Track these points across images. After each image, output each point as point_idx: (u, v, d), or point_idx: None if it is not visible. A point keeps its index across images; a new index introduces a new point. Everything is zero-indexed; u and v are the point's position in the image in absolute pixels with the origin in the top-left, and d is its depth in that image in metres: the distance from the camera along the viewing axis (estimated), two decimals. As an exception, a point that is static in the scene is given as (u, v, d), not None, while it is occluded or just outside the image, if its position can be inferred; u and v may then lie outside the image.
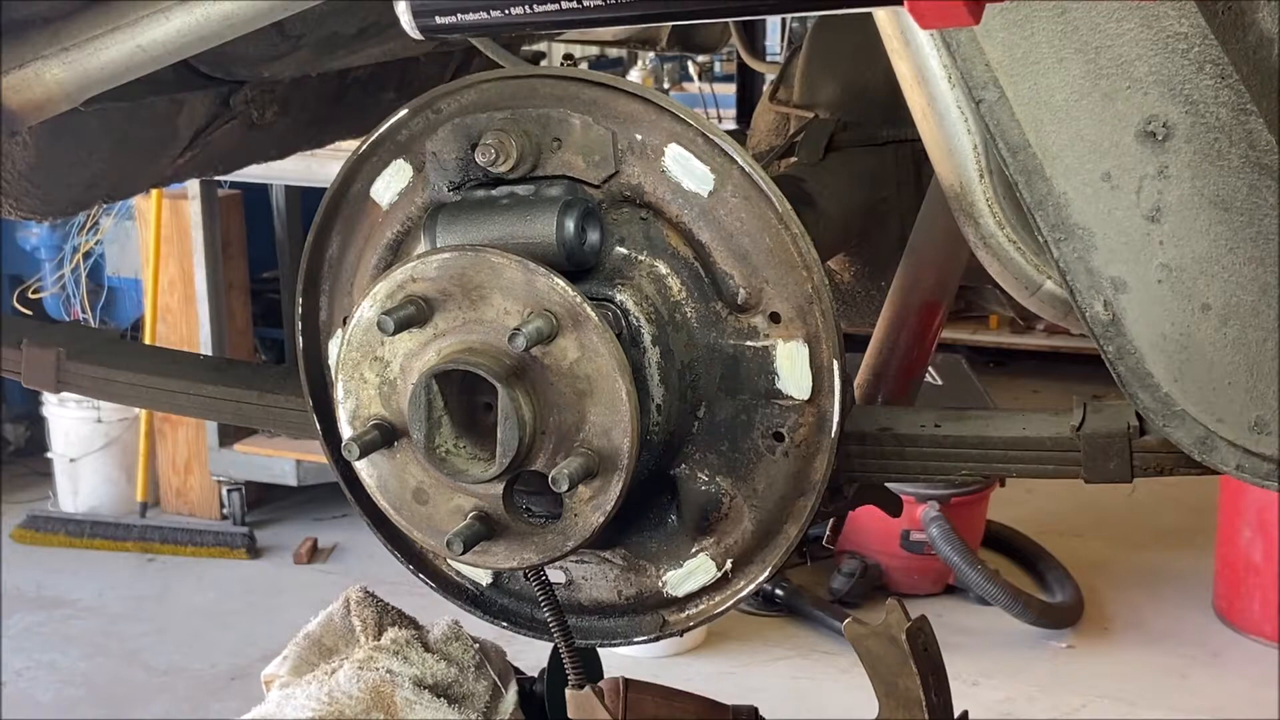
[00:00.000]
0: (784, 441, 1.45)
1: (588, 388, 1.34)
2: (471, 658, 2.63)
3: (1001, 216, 1.48)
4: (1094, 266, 1.29)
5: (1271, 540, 4.60)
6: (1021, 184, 1.30)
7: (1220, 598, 4.86)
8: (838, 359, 1.42)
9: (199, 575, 5.33)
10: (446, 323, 1.37)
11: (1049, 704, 4.33)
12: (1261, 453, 1.28)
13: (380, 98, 2.60)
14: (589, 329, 1.32)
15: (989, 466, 1.53)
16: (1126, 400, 1.35)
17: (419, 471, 1.42)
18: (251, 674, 2.49)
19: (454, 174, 1.47)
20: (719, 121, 5.96)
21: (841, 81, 2.35)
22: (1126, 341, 1.30)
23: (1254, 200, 1.23)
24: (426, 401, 1.37)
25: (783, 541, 1.48)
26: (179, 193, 5.49)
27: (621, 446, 1.34)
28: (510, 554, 1.42)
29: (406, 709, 2.47)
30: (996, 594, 4.62)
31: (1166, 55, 1.22)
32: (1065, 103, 1.27)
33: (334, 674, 2.54)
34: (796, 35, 3.77)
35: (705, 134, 1.41)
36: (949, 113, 1.44)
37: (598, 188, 1.44)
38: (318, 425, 1.65)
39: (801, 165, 2.20)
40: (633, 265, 1.44)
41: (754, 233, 1.41)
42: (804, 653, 4.66)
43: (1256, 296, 1.25)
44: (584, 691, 1.58)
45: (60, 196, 2.03)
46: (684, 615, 1.55)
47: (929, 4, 0.67)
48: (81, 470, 5.80)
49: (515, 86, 1.47)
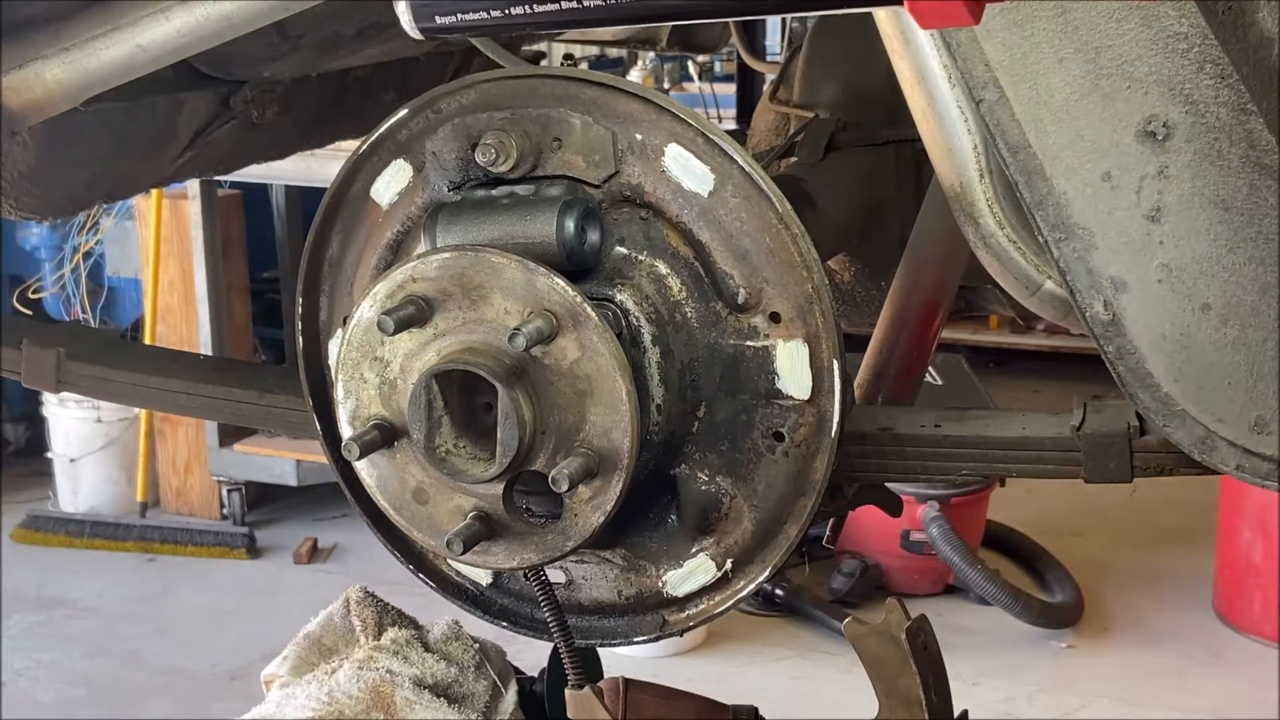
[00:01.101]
0: (784, 441, 1.45)
1: (588, 388, 1.34)
2: (471, 658, 2.63)
3: (1001, 216, 1.48)
4: (1094, 266, 1.29)
5: (1271, 540, 4.60)
6: (1021, 184, 1.30)
7: (1220, 598, 4.86)
8: (838, 359, 1.42)
9: (199, 575, 5.33)
10: (446, 323, 1.37)
11: (1049, 704, 4.33)
12: (1261, 453, 1.28)
13: (380, 98, 2.60)
14: (589, 329, 1.32)
15: (989, 466, 1.53)
16: (1126, 400, 1.35)
17: (419, 471, 1.42)
18: (251, 674, 2.49)
19: (454, 174, 1.48)
20: (719, 121, 5.96)
21: (841, 81, 2.35)
22: (1126, 341, 1.30)
23: (1254, 200, 1.23)
24: (426, 401, 1.37)
25: (783, 541, 1.48)
26: (179, 193, 5.49)
27: (621, 446, 1.34)
28: (510, 554, 1.42)
29: (406, 709, 2.47)
30: (996, 594, 4.62)
31: (1167, 55, 1.22)
32: (1065, 103, 1.27)
33: (334, 674, 2.54)
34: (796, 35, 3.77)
35: (705, 134, 1.41)
36: (949, 113, 1.44)
37: (598, 188, 1.44)
38: (318, 425, 1.65)
39: (801, 165, 2.21)
40: (633, 265, 1.44)
41: (754, 233, 1.41)
42: (804, 653, 4.66)
43: (1256, 296, 1.25)
44: (584, 691, 1.58)
45: (60, 196, 2.03)
46: (684, 615, 1.55)
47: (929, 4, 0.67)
48: (81, 470, 5.80)
49: (515, 86, 1.47)
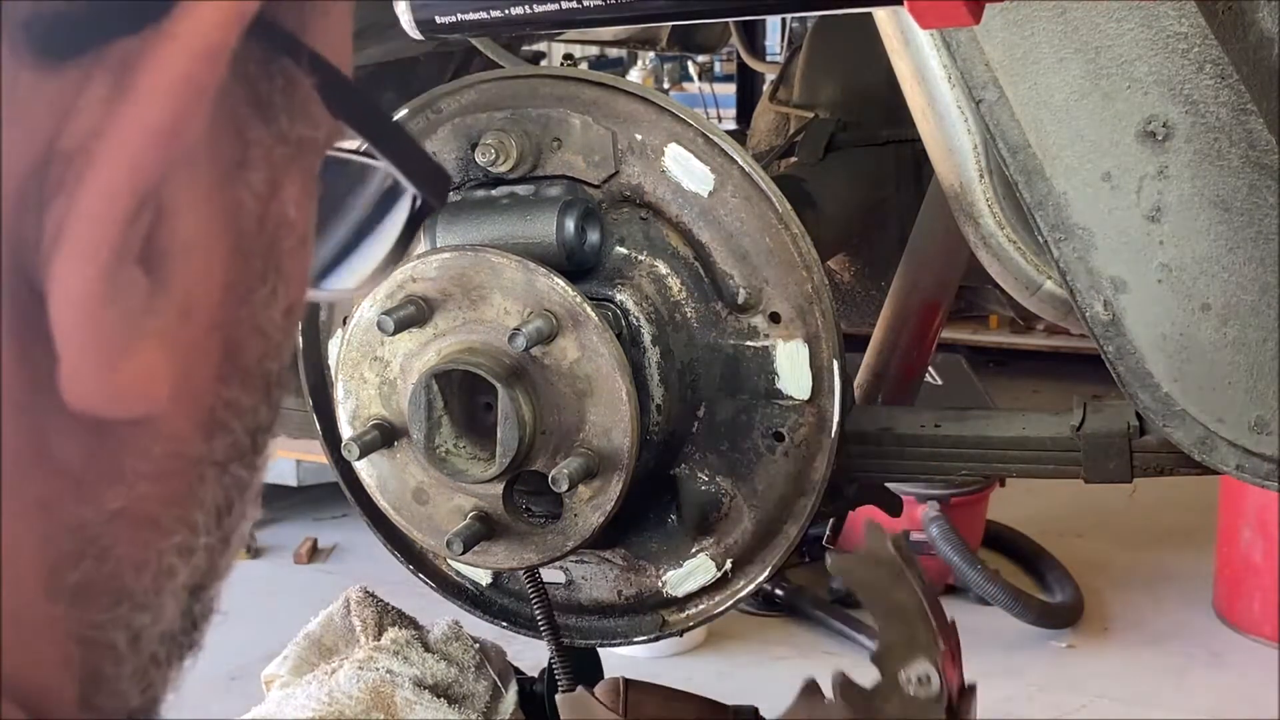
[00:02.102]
0: (784, 441, 1.45)
1: (588, 388, 1.34)
2: (471, 658, 2.62)
3: (1001, 216, 1.48)
4: (1094, 266, 1.29)
5: (1271, 540, 4.60)
6: (1021, 184, 1.30)
7: (1220, 598, 4.86)
8: (838, 359, 1.42)
9: (199, 575, 5.32)
10: (446, 323, 1.37)
11: (1049, 704, 4.33)
12: (1261, 453, 1.28)
13: (380, 98, 2.60)
14: (589, 329, 1.32)
15: (989, 466, 1.53)
16: (1126, 400, 1.35)
17: (419, 471, 1.42)
18: (251, 674, 2.49)
19: (454, 174, 1.47)
20: (719, 121, 5.96)
21: (841, 81, 2.35)
22: (1126, 341, 1.30)
23: (1254, 200, 1.23)
24: (426, 401, 1.36)
25: (783, 541, 1.48)
26: (179, 193, 5.49)
27: (621, 446, 1.34)
28: (510, 554, 1.42)
29: (406, 709, 2.47)
30: (996, 594, 4.62)
31: (1166, 55, 1.22)
32: (1065, 103, 1.27)
33: (334, 674, 2.54)
34: (796, 35, 3.76)
35: (705, 134, 1.41)
36: (949, 113, 1.44)
37: (598, 188, 1.44)
38: (318, 425, 1.65)
39: (801, 165, 2.21)
40: (633, 265, 1.44)
41: (754, 233, 1.41)
42: (804, 653, 4.66)
43: (1256, 296, 1.25)
44: (577, 693, 1.57)
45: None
46: (684, 615, 1.55)
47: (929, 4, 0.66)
48: (81, 470, 5.79)
49: (515, 86, 1.47)
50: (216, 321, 0.44)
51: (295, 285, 0.48)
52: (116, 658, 0.45)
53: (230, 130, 0.43)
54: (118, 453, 0.43)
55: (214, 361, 0.45)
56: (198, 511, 0.46)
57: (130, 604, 0.44)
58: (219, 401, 0.46)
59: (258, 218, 0.45)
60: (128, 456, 0.43)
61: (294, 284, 0.48)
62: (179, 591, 0.46)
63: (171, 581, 0.45)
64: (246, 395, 0.47)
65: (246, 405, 0.47)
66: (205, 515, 0.46)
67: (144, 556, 0.44)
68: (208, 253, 0.43)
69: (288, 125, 0.45)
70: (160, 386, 0.42)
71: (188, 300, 0.42)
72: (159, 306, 0.42)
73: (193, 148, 0.41)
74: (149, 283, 0.41)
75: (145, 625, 0.45)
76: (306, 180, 0.48)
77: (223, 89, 0.41)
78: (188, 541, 0.46)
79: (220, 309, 0.44)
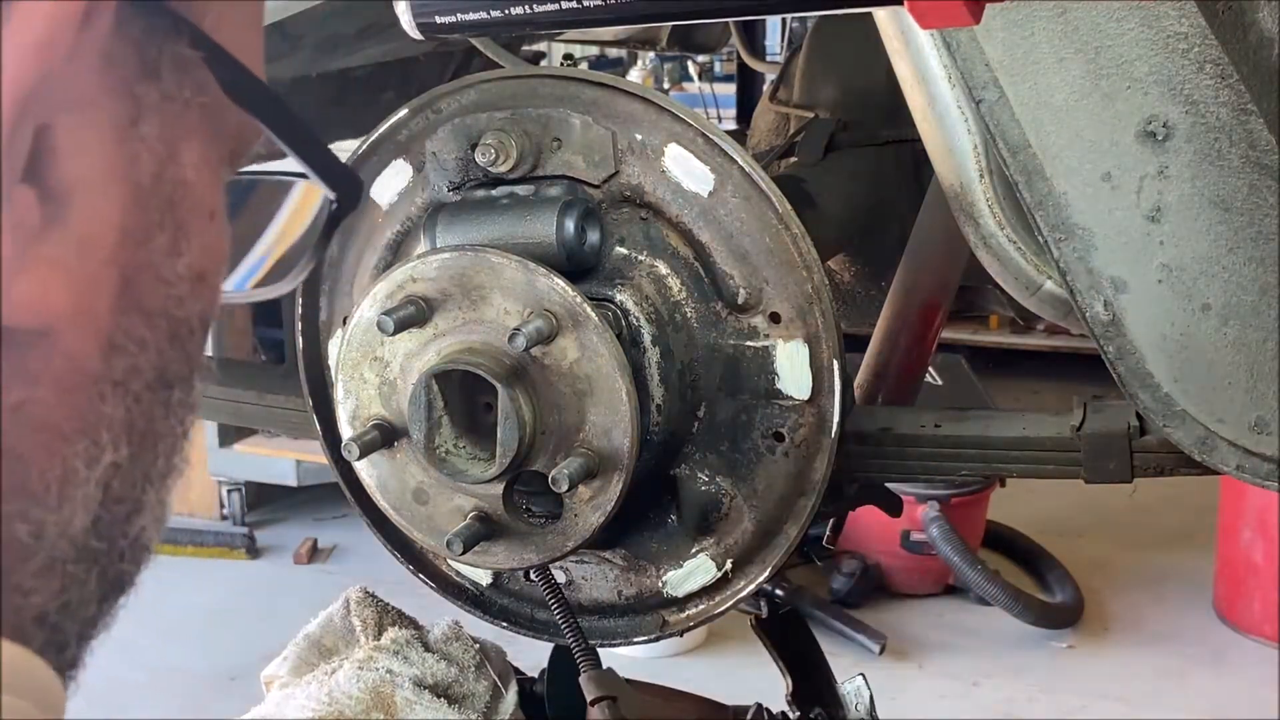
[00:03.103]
0: (784, 441, 1.45)
1: (588, 388, 1.34)
2: (472, 658, 2.62)
3: (1001, 216, 1.48)
4: (1094, 266, 1.29)
5: (1271, 540, 4.60)
6: (1021, 184, 1.30)
7: (1220, 598, 4.86)
8: (838, 359, 1.42)
9: (199, 575, 5.33)
10: (446, 323, 1.37)
11: (1049, 704, 4.33)
12: (1261, 453, 1.28)
13: (380, 98, 2.60)
14: (589, 329, 1.32)
15: (989, 466, 1.53)
16: (1126, 400, 1.35)
17: (419, 471, 1.42)
18: (251, 674, 2.49)
19: (454, 174, 1.47)
20: (719, 121, 5.96)
21: (841, 81, 2.35)
22: (1126, 341, 1.30)
23: (1254, 200, 1.23)
24: (426, 401, 1.36)
25: (783, 541, 1.48)
26: (179, 193, 5.49)
27: (621, 446, 1.34)
28: (510, 554, 1.42)
29: (406, 709, 2.47)
30: (996, 594, 4.62)
31: (1167, 55, 1.22)
32: (1065, 103, 1.27)
33: (334, 674, 2.53)
34: (796, 35, 3.76)
35: (705, 134, 1.41)
36: (949, 113, 1.44)
37: (598, 188, 1.44)
38: (318, 425, 1.65)
39: (801, 165, 2.20)
40: (633, 265, 1.44)
41: (754, 233, 1.41)
42: (804, 653, 4.65)
43: (1257, 296, 1.25)
44: (606, 669, 1.55)
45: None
46: (684, 615, 1.55)
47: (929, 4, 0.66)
48: (81, 470, 5.80)
49: (515, 86, 1.47)
50: (113, 259, 0.49)
51: (202, 252, 0.53)
52: (20, 550, 0.48)
53: (122, 88, 0.49)
54: (22, 356, 0.47)
55: (111, 293, 0.49)
56: (102, 426, 0.50)
57: (28, 498, 0.48)
58: (117, 329, 0.50)
59: (153, 173, 0.50)
60: (29, 360, 0.48)
61: (200, 249, 0.53)
62: (86, 499, 0.50)
63: (73, 484, 0.49)
64: (148, 331, 0.51)
65: (149, 340, 0.51)
66: (111, 432, 0.50)
67: (46, 459, 0.49)
68: (104, 195, 0.48)
69: (175, 87, 0.50)
70: (54, 304, 0.47)
71: (84, 235, 0.48)
72: (56, 237, 0.47)
73: (83, 92, 0.47)
74: (45, 212, 0.46)
75: (45, 520, 0.49)
76: (206, 150, 0.52)
77: (110, 51, 0.47)
78: (90, 451, 0.50)
79: (118, 248, 0.49)
